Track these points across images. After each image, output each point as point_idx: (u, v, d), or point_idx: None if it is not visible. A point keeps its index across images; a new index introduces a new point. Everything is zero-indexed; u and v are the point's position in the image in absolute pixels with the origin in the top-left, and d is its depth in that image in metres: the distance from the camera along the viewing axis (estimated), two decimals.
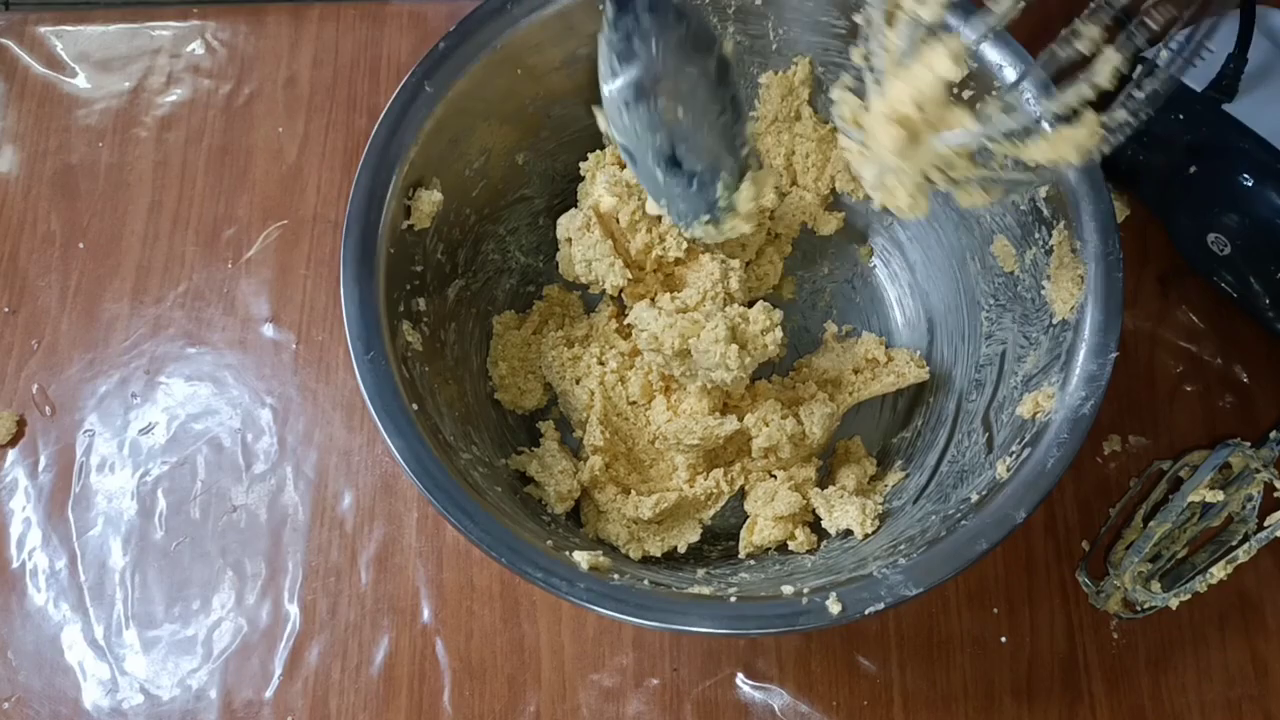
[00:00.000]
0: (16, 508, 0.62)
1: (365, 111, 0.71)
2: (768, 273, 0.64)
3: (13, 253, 0.68)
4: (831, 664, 0.59)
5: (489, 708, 0.58)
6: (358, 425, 0.64)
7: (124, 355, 0.66)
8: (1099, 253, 0.51)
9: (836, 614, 0.46)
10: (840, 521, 0.55)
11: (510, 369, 0.61)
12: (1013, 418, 0.53)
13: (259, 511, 0.62)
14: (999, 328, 0.58)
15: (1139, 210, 0.67)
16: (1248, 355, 0.65)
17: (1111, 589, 0.59)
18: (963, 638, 0.59)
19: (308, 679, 0.59)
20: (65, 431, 0.64)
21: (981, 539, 0.47)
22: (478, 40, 0.55)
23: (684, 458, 0.57)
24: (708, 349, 0.53)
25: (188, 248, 0.68)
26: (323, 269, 0.67)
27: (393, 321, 0.52)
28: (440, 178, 0.56)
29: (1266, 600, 0.60)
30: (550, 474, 0.57)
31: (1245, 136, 0.57)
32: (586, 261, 0.58)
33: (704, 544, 0.58)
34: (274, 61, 0.72)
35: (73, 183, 0.69)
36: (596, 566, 0.48)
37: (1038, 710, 0.58)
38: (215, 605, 0.60)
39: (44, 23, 0.73)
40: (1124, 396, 0.64)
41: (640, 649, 0.59)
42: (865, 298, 0.66)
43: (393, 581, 0.61)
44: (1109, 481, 0.63)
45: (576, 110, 0.61)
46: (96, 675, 0.59)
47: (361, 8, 0.74)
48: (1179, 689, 0.59)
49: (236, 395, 0.65)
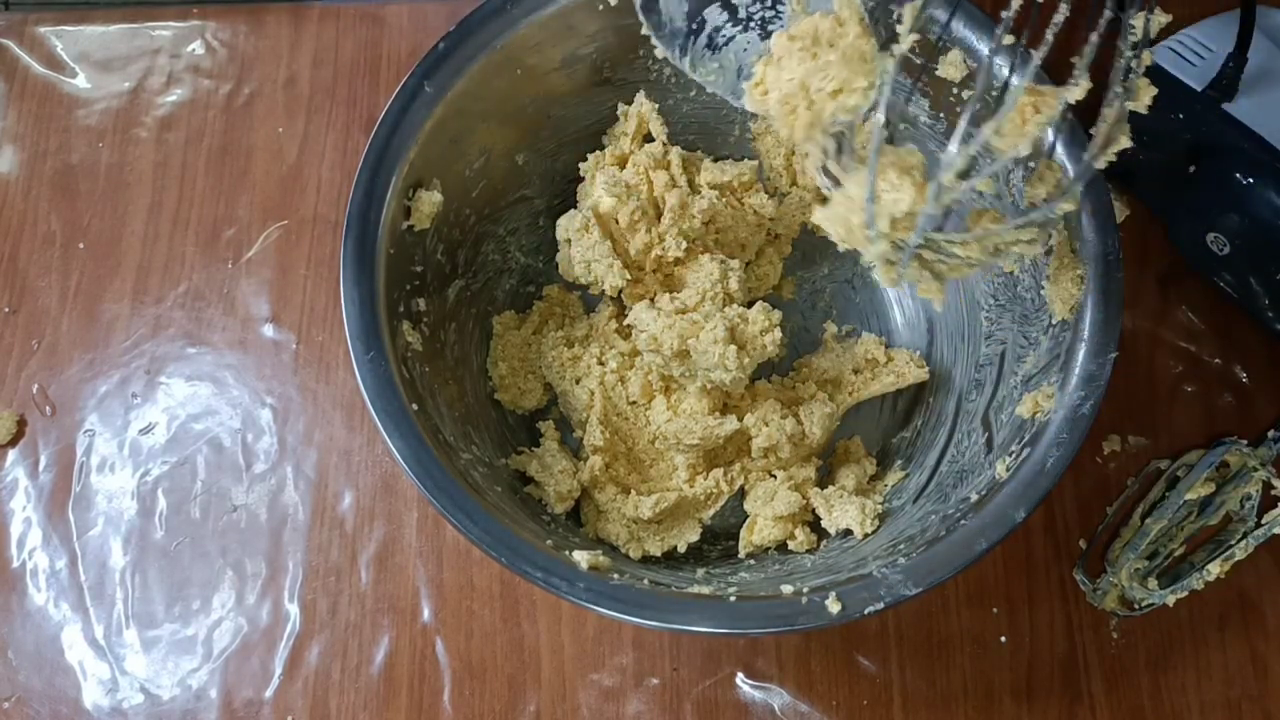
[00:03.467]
0: (16, 508, 0.62)
1: (365, 111, 0.71)
2: (768, 273, 0.64)
3: (13, 253, 0.68)
4: (831, 663, 0.59)
5: (489, 708, 0.58)
6: (358, 425, 0.64)
7: (124, 355, 0.66)
8: (1099, 252, 0.51)
9: (836, 613, 0.46)
10: (840, 521, 0.55)
11: (510, 369, 0.61)
12: (1012, 417, 0.53)
13: (259, 511, 0.62)
14: (999, 328, 0.58)
15: (1139, 210, 0.67)
16: (1247, 355, 0.65)
17: (1108, 586, 0.59)
18: (962, 637, 0.59)
19: (308, 679, 0.59)
20: (65, 431, 0.64)
21: (981, 539, 0.47)
22: (477, 40, 0.55)
23: (684, 458, 0.57)
24: (706, 349, 0.53)
25: (188, 248, 0.68)
26: (323, 269, 0.67)
27: (393, 321, 0.52)
28: (440, 178, 0.56)
29: (1266, 600, 0.60)
30: (550, 474, 0.57)
31: (1245, 136, 0.57)
32: (586, 262, 0.58)
33: (704, 544, 0.58)
34: (274, 61, 0.72)
35: (73, 183, 0.69)
36: (596, 566, 0.48)
37: (1037, 710, 0.58)
38: (215, 605, 0.60)
39: (44, 23, 0.73)
40: (1123, 396, 0.64)
41: (640, 649, 0.59)
42: (865, 298, 0.66)
43: (393, 581, 0.61)
44: (1109, 481, 0.63)
45: (576, 110, 0.61)
46: (97, 675, 0.59)
47: (361, 8, 0.74)
48: (1179, 689, 0.59)
49: (236, 395, 0.65)
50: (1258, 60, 0.58)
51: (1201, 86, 0.59)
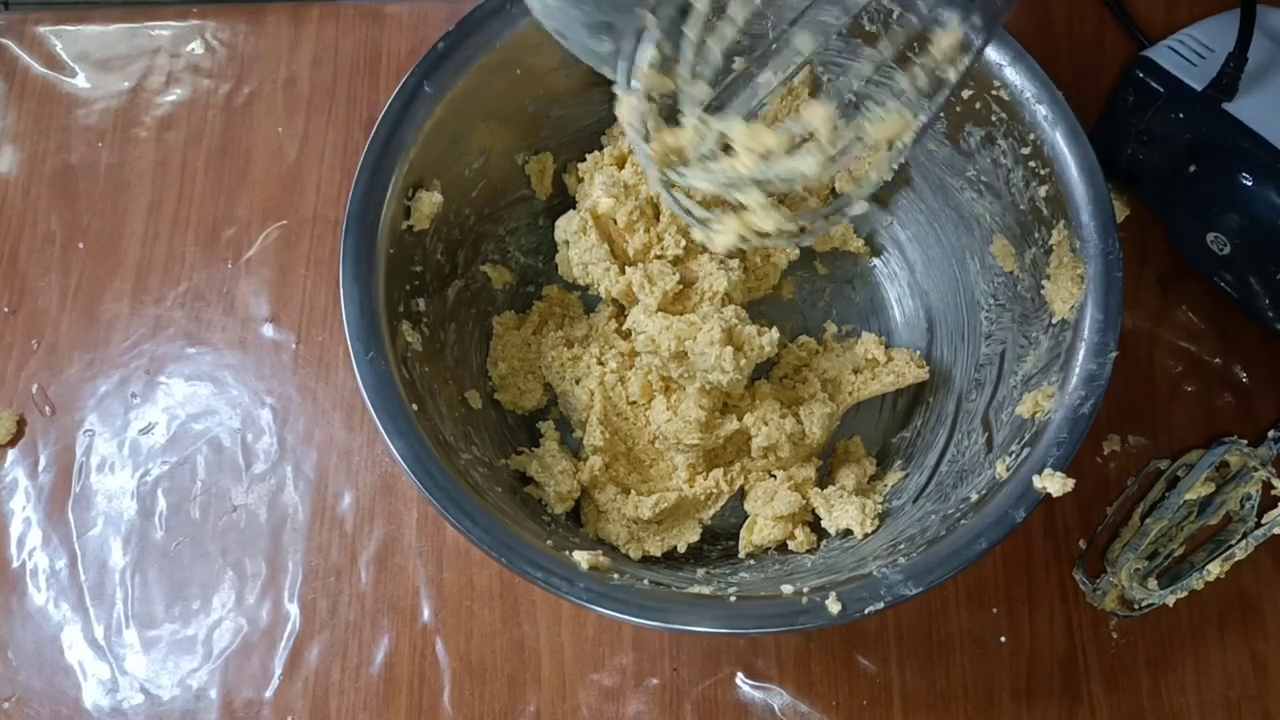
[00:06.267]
0: (16, 508, 0.62)
1: (365, 111, 0.71)
2: (767, 273, 0.64)
3: (13, 253, 0.68)
4: (831, 663, 0.59)
5: (489, 708, 0.58)
6: (358, 425, 0.64)
7: (124, 355, 0.66)
8: (1099, 252, 0.51)
9: (836, 613, 0.46)
10: (840, 521, 0.55)
11: (510, 369, 0.61)
12: (1012, 417, 0.53)
13: (259, 511, 0.62)
14: (999, 327, 0.58)
15: (1139, 210, 0.67)
16: (1247, 355, 0.65)
17: (1108, 586, 0.59)
18: (962, 638, 0.59)
19: (308, 679, 0.59)
20: (65, 431, 0.64)
21: (981, 538, 0.47)
22: (477, 40, 0.55)
23: (684, 458, 0.57)
24: (704, 351, 0.53)
25: (188, 248, 0.68)
26: (323, 269, 0.67)
27: (392, 321, 0.52)
28: (440, 178, 0.56)
29: (1266, 600, 0.60)
30: (550, 474, 0.57)
31: (1245, 136, 0.57)
32: (583, 264, 0.58)
33: (704, 544, 0.58)
34: (274, 61, 0.72)
35: (72, 183, 0.69)
36: (596, 566, 0.48)
37: (1037, 710, 0.58)
38: (215, 605, 0.60)
39: (44, 23, 0.73)
40: (1123, 396, 0.64)
41: (640, 649, 0.59)
42: (865, 298, 0.66)
43: (393, 581, 0.61)
44: (1109, 481, 0.63)
45: (576, 110, 0.61)
46: (97, 675, 0.59)
47: (361, 8, 0.74)
48: (1178, 689, 0.59)
49: (236, 395, 0.65)
50: (1258, 60, 0.58)
51: (1201, 86, 0.59)
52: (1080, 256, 0.51)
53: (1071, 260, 0.52)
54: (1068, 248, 0.52)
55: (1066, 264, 0.52)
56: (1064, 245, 0.52)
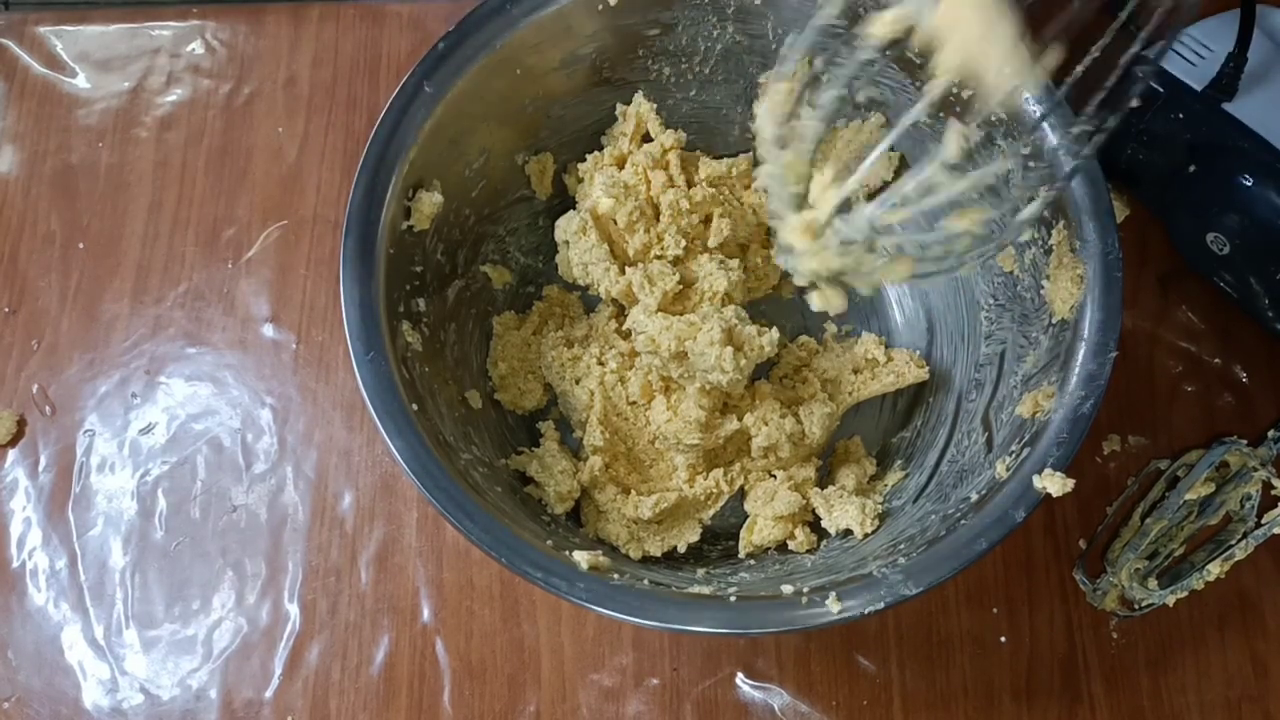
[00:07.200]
0: (16, 508, 0.62)
1: (365, 111, 0.71)
2: (767, 273, 0.64)
3: (13, 253, 0.68)
4: (831, 664, 0.59)
5: (489, 708, 0.58)
6: (358, 425, 0.64)
7: (124, 355, 0.66)
8: (1098, 252, 0.51)
9: (836, 613, 0.46)
10: (840, 521, 0.55)
11: (510, 369, 0.61)
12: (1012, 417, 0.53)
13: (259, 511, 0.62)
14: (998, 327, 0.58)
15: (1139, 210, 0.67)
16: (1247, 355, 0.65)
17: (1108, 586, 0.59)
18: (962, 637, 0.59)
19: (308, 679, 0.59)
20: (65, 431, 0.64)
21: (981, 538, 0.47)
22: (477, 40, 0.55)
23: (684, 458, 0.57)
24: (703, 351, 0.53)
25: (188, 248, 0.68)
26: (323, 269, 0.67)
27: (393, 322, 0.52)
28: (440, 178, 0.56)
29: (1266, 600, 0.60)
30: (550, 474, 0.57)
31: (1245, 136, 0.57)
32: (583, 265, 0.58)
33: (704, 544, 0.58)
34: (274, 61, 0.72)
35: (73, 183, 0.69)
36: (596, 566, 0.48)
37: (1037, 710, 0.58)
38: (215, 605, 0.60)
39: (44, 23, 0.73)
40: (1123, 396, 0.64)
41: (640, 649, 0.59)
42: (865, 298, 0.65)
43: (393, 581, 0.61)
44: (1109, 481, 0.63)
45: (576, 110, 0.61)
46: (96, 675, 0.59)
47: (361, 8, 0.74)
48: (1178, 689, 0.59)
49: (236, 395, 0.65)
50: (1258, 60, 0.58)
51: (1201, 86, 0.59)
52: (1080, 256, 0.51)
53: (1071, 260, 0.52)
54: (1067, 248, 0.52)
55: (1066, 264, 0.52)
56: (1064, 245, 0.52)
